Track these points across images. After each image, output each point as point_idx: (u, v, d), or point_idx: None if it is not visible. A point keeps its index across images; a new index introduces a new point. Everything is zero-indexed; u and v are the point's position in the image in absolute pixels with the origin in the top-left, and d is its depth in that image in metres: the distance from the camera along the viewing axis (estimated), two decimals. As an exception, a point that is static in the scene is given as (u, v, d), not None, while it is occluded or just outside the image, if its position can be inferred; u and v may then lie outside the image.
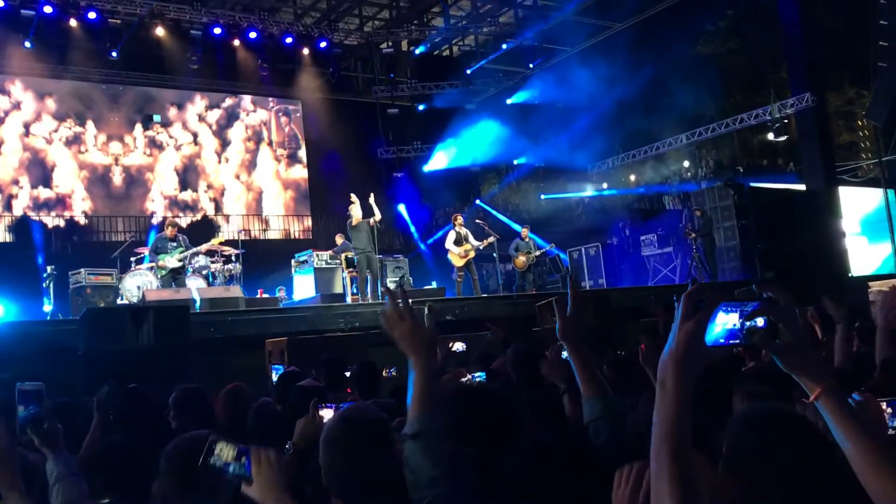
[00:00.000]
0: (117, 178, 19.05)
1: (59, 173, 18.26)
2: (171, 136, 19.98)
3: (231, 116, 21.00)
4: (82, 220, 18.28)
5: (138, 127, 19.53)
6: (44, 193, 18.06)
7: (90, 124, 18.74)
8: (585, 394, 2.15)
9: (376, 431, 2.23)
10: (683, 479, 1.37)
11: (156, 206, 19.36)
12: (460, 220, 13.93)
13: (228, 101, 20.99)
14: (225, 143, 20.77)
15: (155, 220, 18.47)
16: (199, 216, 19.80)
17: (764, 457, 1.52)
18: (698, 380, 1.44)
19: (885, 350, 3.80)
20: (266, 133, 21.50)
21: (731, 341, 1.44)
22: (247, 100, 21.24)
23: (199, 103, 20.54)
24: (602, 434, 2.03)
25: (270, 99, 21.44)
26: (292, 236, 20.70)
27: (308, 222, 21.27)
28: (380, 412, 2.39)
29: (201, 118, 20.51)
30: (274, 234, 20.87)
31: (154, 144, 19.69)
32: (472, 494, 1.96)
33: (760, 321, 1.45)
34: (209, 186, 20.35)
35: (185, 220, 19.21)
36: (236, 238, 17.21)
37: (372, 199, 12.24)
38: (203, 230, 17.22)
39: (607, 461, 1.74)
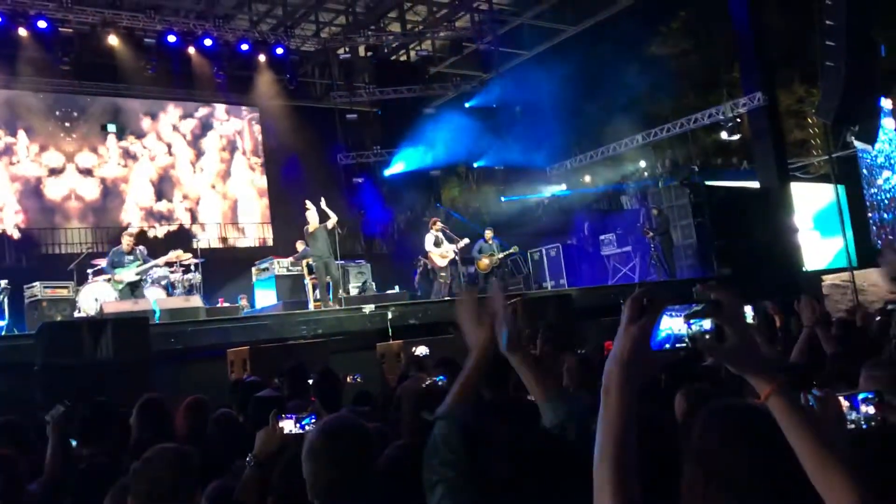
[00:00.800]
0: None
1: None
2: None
3: (205, 126, 20.87)
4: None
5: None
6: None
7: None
8: (543, 398, 2.17)
9: (360, 439, 2.25)
10: (625, 487, 1.37)
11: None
12: (438, 224, 14.14)
13: (202, 111, 20.83)
14: (200, 153, 20.65)
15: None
16: (175, 226, 19.61)
17: (727, 451, 1.55)
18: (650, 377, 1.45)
19: (830, 345, 3.96)
20: (241, 142, 21.41)
21: (676, 345, 1.44)
22: (220, 109, 21.10)
23: (172, 113, 20.36)
24: (570, 435, 2.05)
25: (244, 108, 21.35)
26: (268, 244, 20.57)
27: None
28: (359, 420, 2.41)
29: (175, 128, 20.35)
30: (250, 241, 20.77)
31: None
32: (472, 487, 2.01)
33: (707, 324, 1.44)
34: (185, 196, 20.22)
35: (161, 231, 19.13)
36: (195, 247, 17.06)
37: (323, 204, 12.23)
38: (179, 240, 17.01)
39: (579, 462, 1.76)
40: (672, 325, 1.43)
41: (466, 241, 14.10)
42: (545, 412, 2.17)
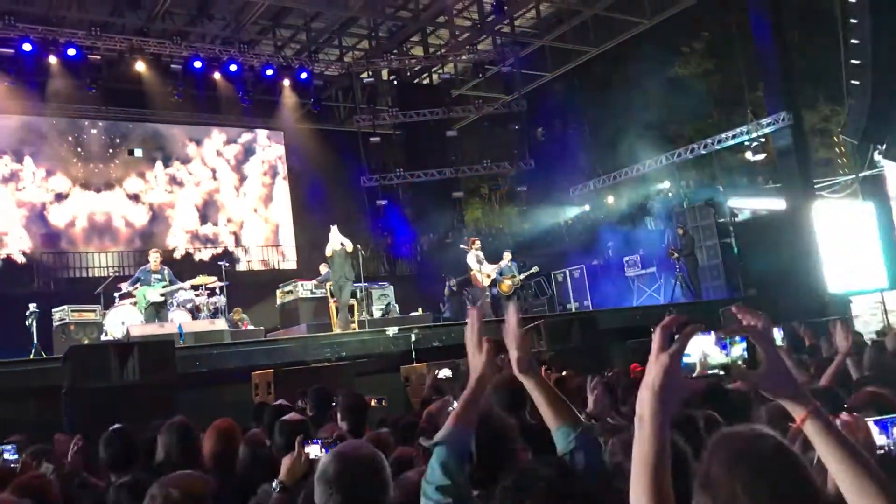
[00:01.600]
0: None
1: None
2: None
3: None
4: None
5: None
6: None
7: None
8: (555, 424, 2.15)
9: (371, 466, 2.25)
10: None
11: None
12: (477, 243, 14.16)
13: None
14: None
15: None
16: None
17: (729, 477, 1.54)
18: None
19: (858, 370, 3.92)
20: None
21: (709, 372, 1.45)
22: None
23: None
24: (579, 463, 2.04)
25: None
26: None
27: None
28: (372, 448, 2.40)
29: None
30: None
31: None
32: None
33: (738, 350, 1.46)
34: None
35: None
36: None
37: (334, 232, 12.29)
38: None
39: (588, 490, 1.75)
40: (700, 347, 1.44)
41: (503, 263, 14.17)
42: (557, 439, 2.15)
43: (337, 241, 12.27)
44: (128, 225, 19.21)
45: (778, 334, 4.86)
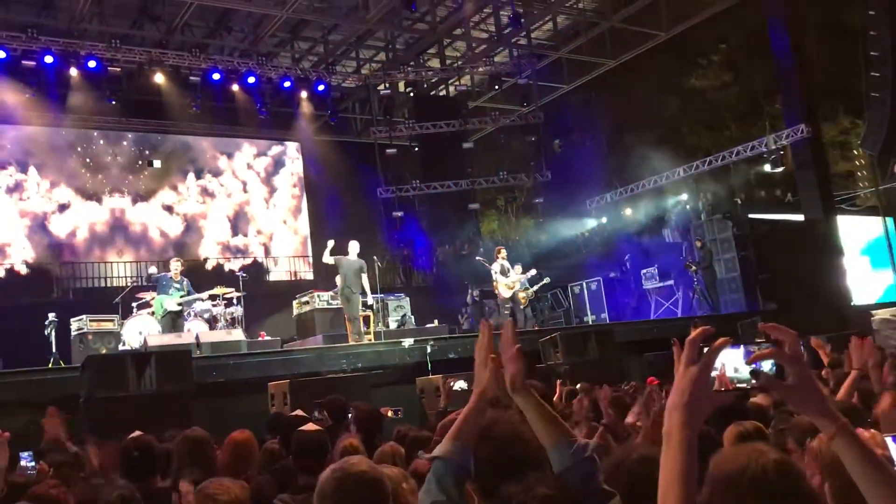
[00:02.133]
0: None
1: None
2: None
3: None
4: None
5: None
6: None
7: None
8: (549, 444, 2.13)
9: (367, 482, 2.23)
10: None
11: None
12: (503, 252, 14.10)
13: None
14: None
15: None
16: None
17: (731, 495, 1.52)
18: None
19: (879, 386, 3.87)
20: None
21: (738, 385, 1.44)
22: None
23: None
24: (575, 481, 2.01)
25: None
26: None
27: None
28: (370, 463, 2.39)
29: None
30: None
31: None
32: None
33: (768, 364, 1.44)
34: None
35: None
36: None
37: (352, 252, 12.28)
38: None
39: None
40: (728, 360, 1.43)
41: (533, 271, 14.13)
42: (552, 458, 2.12)
43: (356, 248, 12.29)
44: (162, 235, 19.44)
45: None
